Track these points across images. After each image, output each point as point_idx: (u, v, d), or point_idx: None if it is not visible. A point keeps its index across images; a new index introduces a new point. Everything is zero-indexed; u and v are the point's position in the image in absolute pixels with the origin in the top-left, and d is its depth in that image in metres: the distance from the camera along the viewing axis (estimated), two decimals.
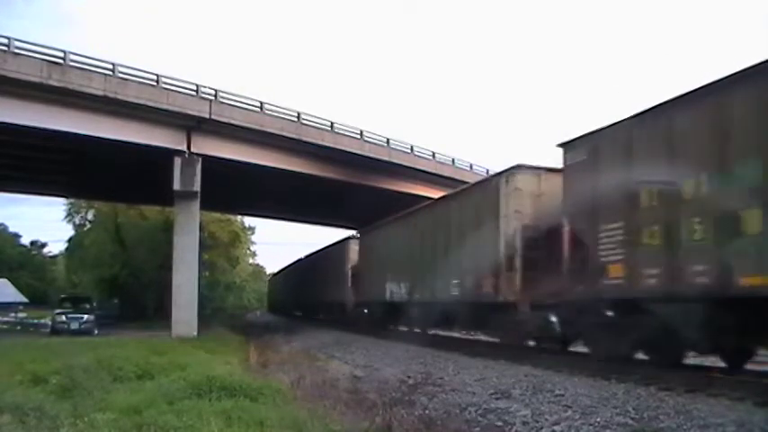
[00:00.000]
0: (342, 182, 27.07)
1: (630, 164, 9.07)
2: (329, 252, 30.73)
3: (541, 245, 11.45)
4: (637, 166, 8.93)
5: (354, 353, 15.74)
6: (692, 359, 9.52)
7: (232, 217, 41.82)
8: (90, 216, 41.52)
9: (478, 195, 14.33)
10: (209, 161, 21.57)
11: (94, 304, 27.50)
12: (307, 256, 37.44)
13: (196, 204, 22.17)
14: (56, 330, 22.75)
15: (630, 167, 9.03)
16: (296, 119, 24.14)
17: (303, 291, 36.50)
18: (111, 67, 19.48)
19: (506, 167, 13.03)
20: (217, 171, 21.86)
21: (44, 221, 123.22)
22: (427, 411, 7.64)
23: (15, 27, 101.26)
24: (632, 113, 9.16)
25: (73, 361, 9.65)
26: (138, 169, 23.27)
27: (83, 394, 7.54)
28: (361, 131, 26.53)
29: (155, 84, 20.51)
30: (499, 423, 7.03)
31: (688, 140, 8.19)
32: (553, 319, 11.23)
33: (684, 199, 8.06)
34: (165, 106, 20.45)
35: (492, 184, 13.77)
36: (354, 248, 25.76)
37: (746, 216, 7.21)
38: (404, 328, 19.16)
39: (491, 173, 21.65)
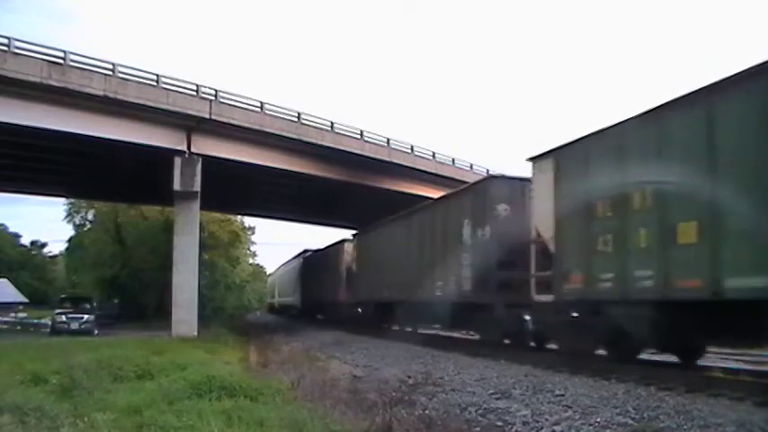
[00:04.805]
0: (342, 182, 27.07)
1: (588, 177, 9.86)
2: (326, 253, 30.98)
3: (516, 249, 12.02)
4: (593, 180, 9.69)
5: (354, 353, 15.73)
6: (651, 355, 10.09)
7: (232, 217, 41.76)
8: (90, 216, 41.52)
9: (460, 201, 15.07)
10: (209, 161, 21.57)
11: (94, 304, 27.52)
12: (305, 257, 37.35)
13: (196, 204, 22.16)
14: (56, 330, 22.77)
15: (588, 181, 9.82)
16: (296, 119, 24.14)
17: (303, 291, 36.50)
18: (111, 67, 19.48)
19: (483, 177, 13.92)
20: (217, 171, 21.85)
21: (44, 221, 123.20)
22: (427, 411, 7.62)
23: (12, 23, 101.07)
24: (590, 132, 9.98)
25: (73, 361, 9.63)
26: (138, 169, 23.26)
27: (83, 394, 7.53)
28: (362, 131, 26.52)
29: (155, 84, 20.50)
30: (499, 423, 7.03)
31: (635, 157, 8.96)
32: (526, 318, 12.19)
33: (633, 209, 8.81)
34: (165, 106, 20.44)
35: (472, 192, 14.76)
36: (349, 250, 26.15)
37: (683, 227, 7.92)
38: (395, 327, 19.52)
39: (491, 173, 21.76)
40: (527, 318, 12.18)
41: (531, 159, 11.55)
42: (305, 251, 38.67)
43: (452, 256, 14.46)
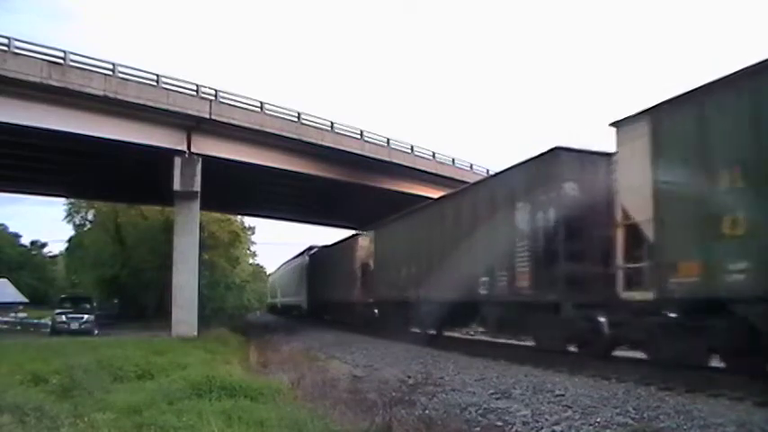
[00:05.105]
0: (342, 182, 27.07)
1: (706, 140, 7.82)
2: (337, 249, 29.78)
3: (587, 235, 10.24)
4: (714, 142, 7.70)
5: (354, 353, 15.73)
6: None
7: (232, 217, 41.76)
8: (90, 216, 41.52)
9: (513, 181, 12.60)
10: (209, 161, 21.57)
11: (94, 304, 27.53)
12: (312, 255, 36.67)
13: (196, 204, 22.15)
14: (56, 330, 22.79)
15: (706, 144, 7.82)
16: (296, 119, 24.14)
17: (309, 290, 35.64)
18: (111, 67, 19.48)
19: (546, 150, 11.36)
20: (217, 171, 21.86)
21: (44, 221, 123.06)
22: (427, 411, 7.63)
23: (12, 23, 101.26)
24: (707, 81, 7.96)
25: (73, 361, 9.65)
26: (138, 169, 23.27)
27: (83, 394, 7.54)
28: (361, 131, 26.52)
29: (155, 84, 20.50)
30: (499, 423, 7.02)
31: None
32: (601, 320, 9.93)
33: None
34: (165, 106, 20.44)
35: (530, 168, 12.01)
36: (364, 245, 24.54)
37: None
38: (416, 330, 17.71)
39: (491, 172, 21.51)
40: (602, 320, 9.89)
41: (615, 124, 9.43)
42: (311, 248, 36.82)
43: (502, 247, 12.15)
